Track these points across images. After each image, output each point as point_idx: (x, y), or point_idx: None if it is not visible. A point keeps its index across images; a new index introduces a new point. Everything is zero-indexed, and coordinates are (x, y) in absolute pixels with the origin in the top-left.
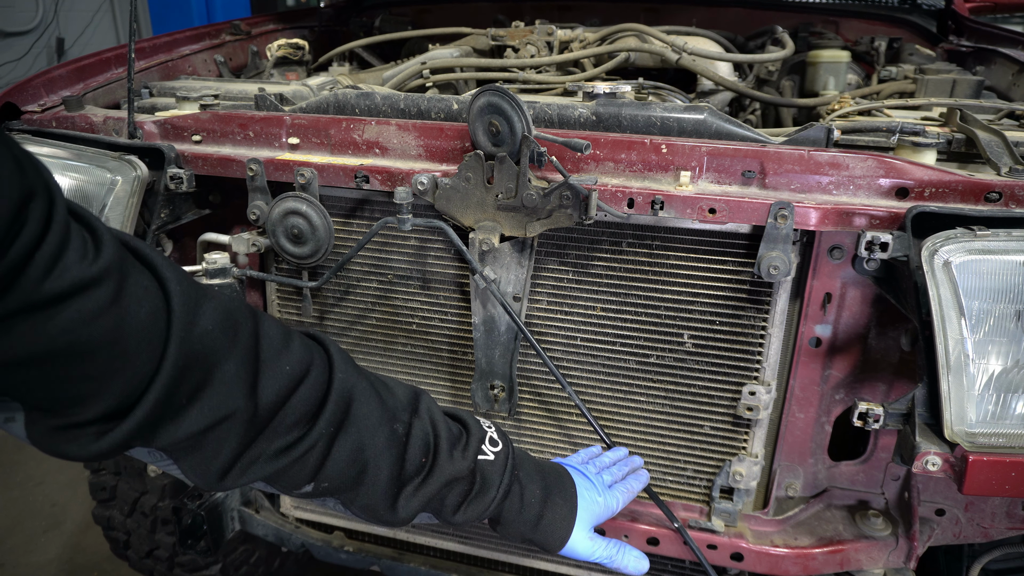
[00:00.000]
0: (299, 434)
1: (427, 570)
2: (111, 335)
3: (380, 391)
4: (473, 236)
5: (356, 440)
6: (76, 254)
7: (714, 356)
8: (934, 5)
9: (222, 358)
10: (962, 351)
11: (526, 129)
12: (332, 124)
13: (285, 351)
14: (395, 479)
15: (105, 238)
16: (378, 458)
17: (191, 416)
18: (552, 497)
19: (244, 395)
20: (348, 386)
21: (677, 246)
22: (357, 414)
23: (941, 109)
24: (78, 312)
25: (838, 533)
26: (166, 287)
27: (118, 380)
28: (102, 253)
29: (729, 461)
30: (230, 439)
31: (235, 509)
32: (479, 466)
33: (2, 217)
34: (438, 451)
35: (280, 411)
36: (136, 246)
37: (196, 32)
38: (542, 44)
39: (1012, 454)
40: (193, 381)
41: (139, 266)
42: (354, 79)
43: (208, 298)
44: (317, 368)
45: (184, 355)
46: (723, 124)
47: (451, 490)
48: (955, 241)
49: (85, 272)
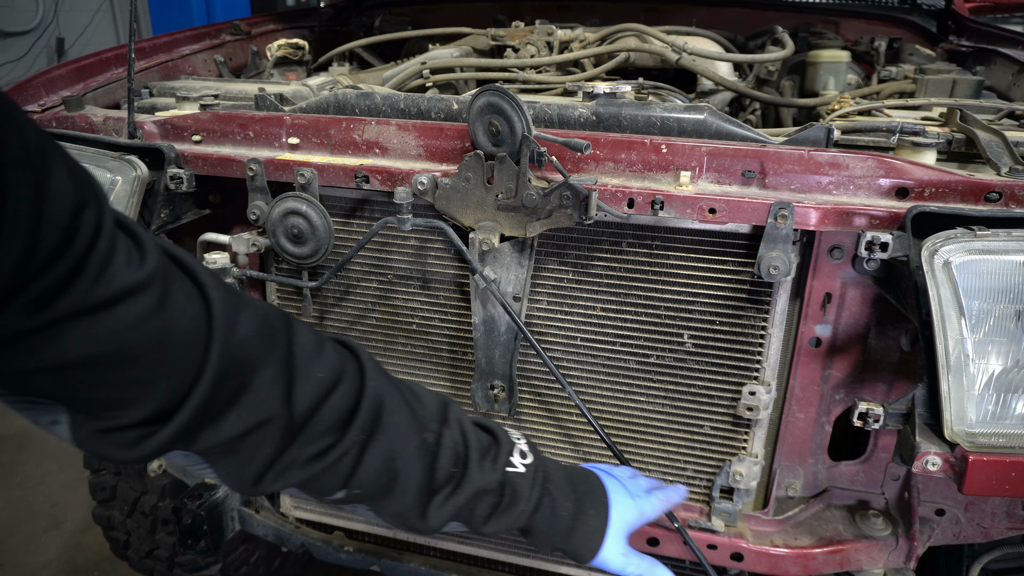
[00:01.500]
0: (332, 440)
1: (427, 570)
2: (155, 340)
3: (410, 401)
4: (473, 236)
5: (387, 448)
6: (123, 261)
7: (714, 356)
8: (934, 5)
9: (260, 364)
10: (962, 351)
11: (526, 129)
12: (332, 124)
13: (318, 358)
14: (425, 488)
15: (149, 246)
16: (408, 467)
17: (230, 420)
18: (584, 508)
19: (280, 401)
20: (379, 395)
21: (677, 246)
22: (388, 423)
23: (941, 109)
24: (125, 317)
25: (838, 533)
26: (207, 294)
27: (161, 384)
28: (147, 260)
29: (729, 461)
30: (266, 444)
31: (235, 509)
32: (508, 478)
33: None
34: (468, 461)
35: (313, 418)
36: (176, 253)
37: (196, 32)
38: (542, 44)
39: (1012, 454)
40: (233, 386)
41: (180, 273)
42: (354, 79)
43: (246, 305)
44: (349, 376)
45: (225, 361)
46: (723, 124)
47: (480, 501)
48: (955, 241)
49: (132, 278)
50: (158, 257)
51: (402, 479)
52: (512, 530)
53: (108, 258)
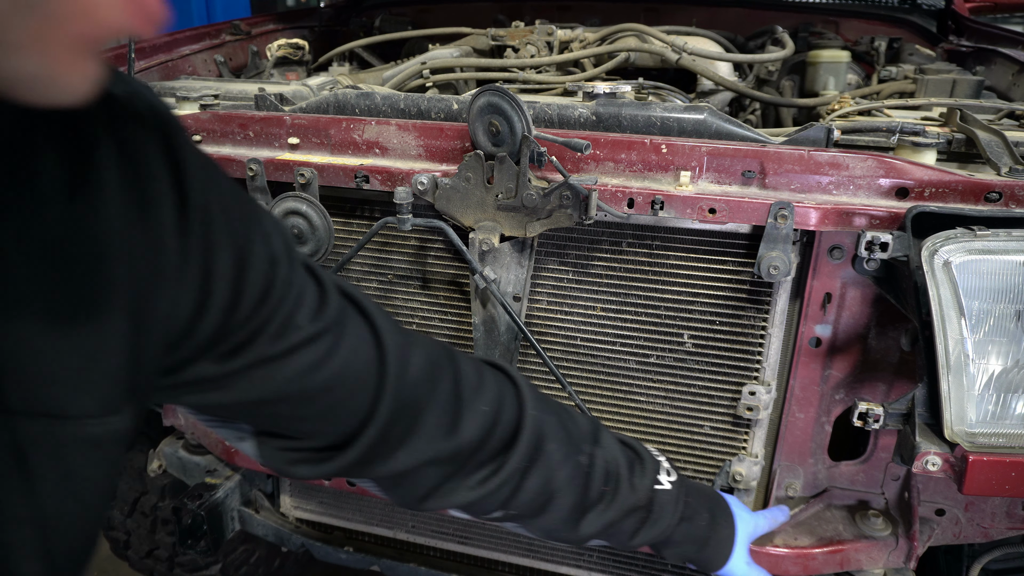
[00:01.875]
0: (494, 468)
1: (427, 570)
2: (330, 383)
3: (567, 423)
4: (473, 236)
5: (545, 474)
6: (306, 314)
7: (714, 356)
8: (934, 5)
9: (427, 404)
10: (962, 351)
11: (526, 129)
12: (332, 124)
13: (480, 390)
14: (578, 507)
15: (330, 290)
16: (563, 489)
17: (399, 457)
18: (717, 520)
19: (446, 436)
20: (539, 423)
21: (677, 246)
22: (546, 450)
23: (941, 109)
24: (302, 364)
25: (838, 533)
26: (380, 338)
27: (334, 422)
28: (327, 309)
29: (729, 461)
30: (432, 476)
31: (235, 509)
32: (657, 495)
33: (255, 288)
34: (619, 480)
35: (478, 450)
36: (352, 293)
37: (196, 32)
38: (542, 44)
39: (1012, 454)
40: (402, 427)
41: (356, 316)
42: (354, 79)
43: (415, 345)
44: (508, 404)
45: (396, 403)
46: (723, 124)
47: (629, 517)
48: (955, 241)
49: (311, 329)
50: (337, 302)
51: (557, 500)
52: (653, 543)
53: (293, 311)
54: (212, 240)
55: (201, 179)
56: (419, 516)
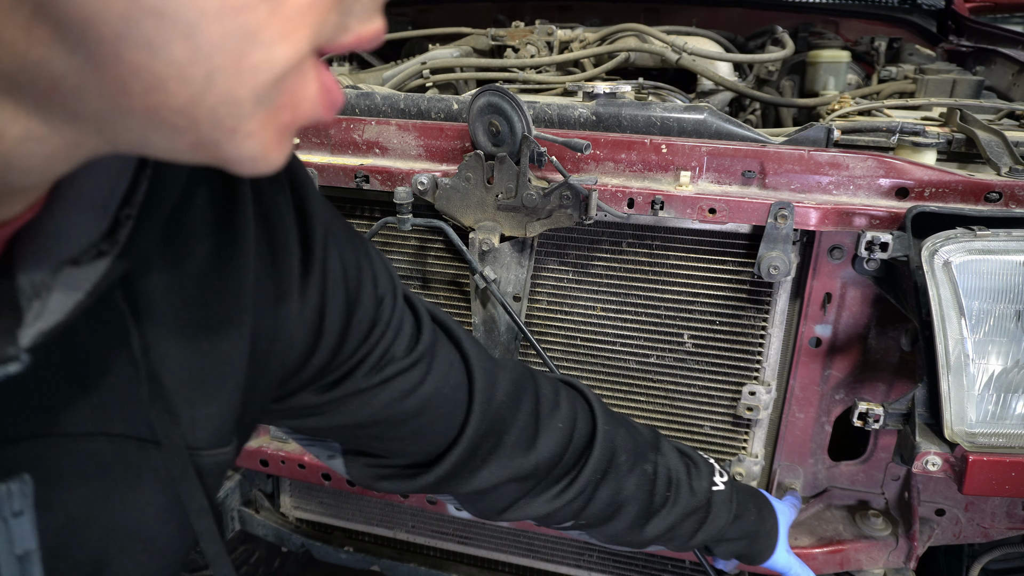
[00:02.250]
0: (568, 481)
1: (427, 570)
2: (421, 407)
3: (634, 435)
4: (473, 236)
5: (615, 484)
6: (403, 345)
7: (714, 356)
8: (934, 5)
9: (510, 425)
10: (962, 351)
11: (526, 129)
12: (332, 124)
13: (557, 409)
14: (643, 513)
15: (424, 321)
16: (631, 498)
17: (482, 476)
18: (763, 514)
19: (526, 455)
20: (609, 437)
21: (677, 246)
22: (616, 461)
23: (941, 109)
24: (396, 391)
25: (838, 533)
26: (469, 363)
27: (422, 443)
28: (421, 340)
29: (729, 461)
30: (511, 491)
31: (235, 509)
32: (713, 496)
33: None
34: (679, 485)
35: (555, 467)
36: (443, 320)
37: None
38: (542, 44)
39: (1012, 454)
40: (486, 448)
41: (446, 342)
42: (354, 79)
43: (501, 368)
44: (581, 421)
45: (482, 425)
46: (723, 124)
47: (689, 519)
48: (955, 241)
49: (408, 361)
50: (431, 331)
51: (625, 508)
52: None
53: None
54: (327, 285)
55: (322, 229)
56: (419, 516)
